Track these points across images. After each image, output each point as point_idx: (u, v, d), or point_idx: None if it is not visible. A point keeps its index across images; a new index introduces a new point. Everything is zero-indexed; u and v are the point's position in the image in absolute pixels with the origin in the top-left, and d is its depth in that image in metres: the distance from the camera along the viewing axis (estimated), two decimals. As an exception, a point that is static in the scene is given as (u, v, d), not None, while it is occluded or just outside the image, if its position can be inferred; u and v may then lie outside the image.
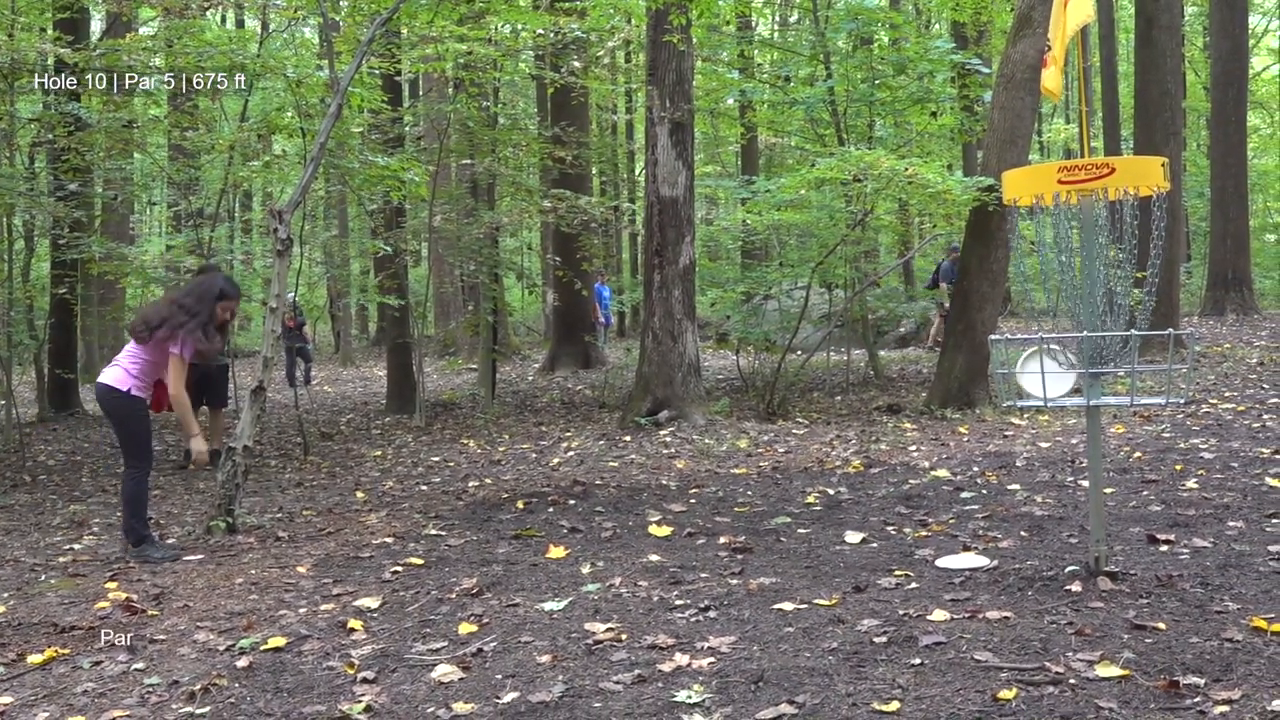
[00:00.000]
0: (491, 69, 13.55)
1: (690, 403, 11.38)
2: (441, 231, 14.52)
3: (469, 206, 14.93)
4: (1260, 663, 3.65)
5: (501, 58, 13.54)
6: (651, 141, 11.66)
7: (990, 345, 4.99)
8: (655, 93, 11.54)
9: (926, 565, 5.32)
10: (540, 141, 15.60)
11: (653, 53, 11.64)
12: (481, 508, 7.55)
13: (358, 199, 14.75)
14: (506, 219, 15.50)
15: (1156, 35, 16.70)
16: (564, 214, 14.45)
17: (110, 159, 13.97)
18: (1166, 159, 4.84)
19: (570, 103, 17.90)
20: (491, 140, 14.52)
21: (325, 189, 16.58)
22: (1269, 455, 8.07)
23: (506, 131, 15.38)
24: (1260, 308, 26.03)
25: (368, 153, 12.02)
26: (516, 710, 3.60)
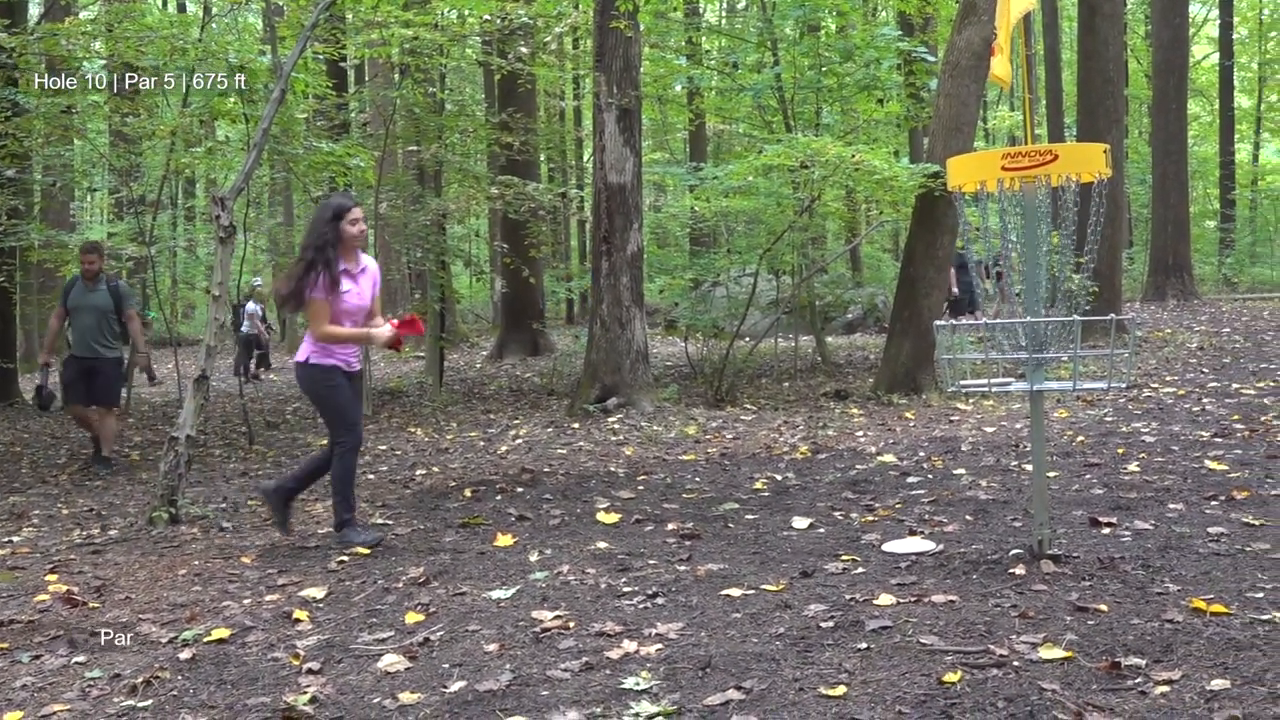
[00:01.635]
0: (438, 55, 13.46)
1: (639, 390, 11.38)
2: (388, 218, 14.42)
3: (415, 193, 14.84)
4: (1199, 643, 3.70)
5: (448, 43, 13.45)
6: (599, 128, 11.64)
7: (935, 331, 5.02)
8: (602, 79, 11.50)
9: (873, 550, 5.35)
10: (487, 128, 15.53)
11: (600, 39, 11.61)
12: (429, 496, 7.51)
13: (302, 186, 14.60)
14: (453, 206, 15.44)
15: (1099, 23, 16.87)
16: (511, 201, 14.41)
17: (49, 145, 13.75)
18: (1109, 146, 4.88)
19: (517, 89, 17.84)
20: (438, 126, 14.44)
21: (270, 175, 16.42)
22: (1209, 438, 8.18)
23: (453, 118, 15.31)
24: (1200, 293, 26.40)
25: (312, 139, 11.90)
26: (464, 699, 3.58)
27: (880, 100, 16.70)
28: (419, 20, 11.67)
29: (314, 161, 12.01)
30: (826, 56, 15.31)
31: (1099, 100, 16.79)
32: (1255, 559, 4.81)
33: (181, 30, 11.47)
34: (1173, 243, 24.06)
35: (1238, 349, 14.94)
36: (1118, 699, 3.26)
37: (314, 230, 5.89)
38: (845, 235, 23.95)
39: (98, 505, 7.65)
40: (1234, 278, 33.33)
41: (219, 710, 3.64)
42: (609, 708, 3.42)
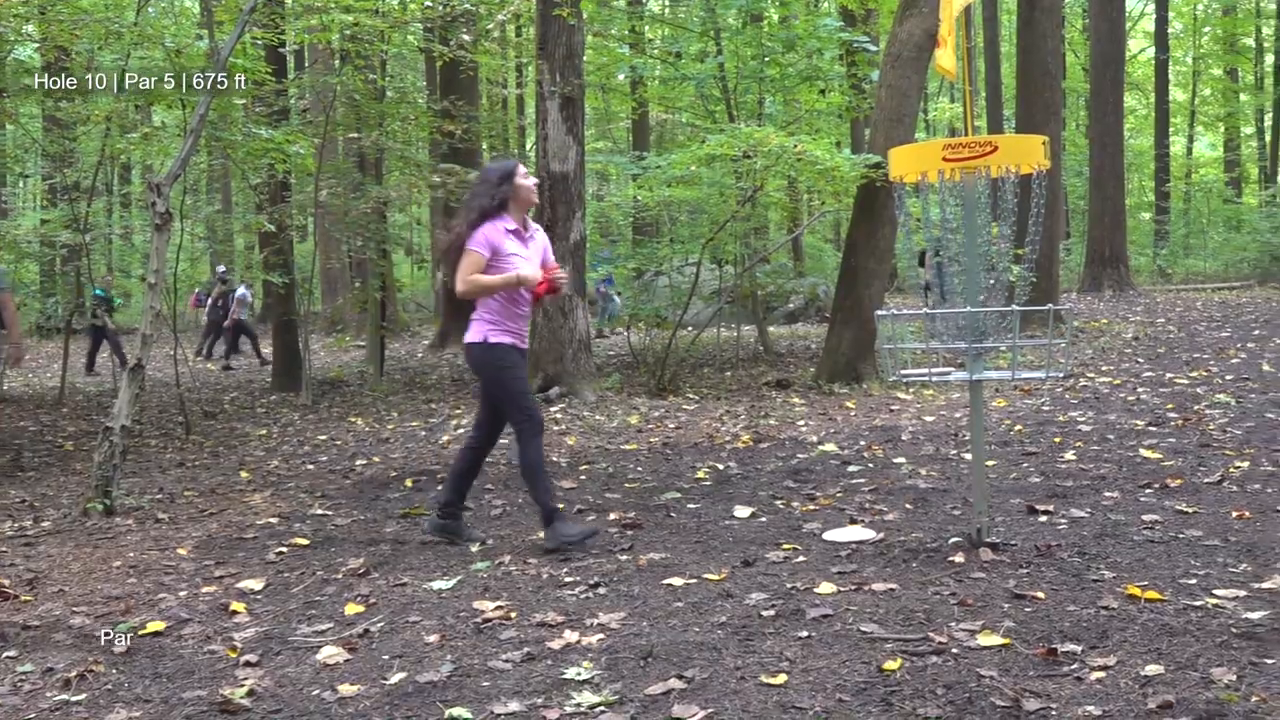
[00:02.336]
0: (379, 41, 13.34)
1: (581, 379, 11.36)
2: (328, 206, 14.28)
3: (356, 181, 14.71)
4: (1134, 629, 3.75)
5: (389, 30, 13.33)
6: (542, 116, 11.59)
7: (876, 321, 5.05)
8: (545, 67, 11.46)
9: (814, 539, 5.37)
10: (429, 115, 15.40)
11: (543, 27, 11.55)
12: (369, 486, 7.46)
13: (241, 173, 14.42)
14: (395, 193, 15.30)
15: (1038, 17, 17.04)
16: (454, 189, 14.29)
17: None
18: (1047, 138, 4.93)
19: (459, 76, 17.70)
20: (379, 113, 14.31)
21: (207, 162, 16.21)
22: (1143, 427, 8.30)
23: (394, 105, 15.18)
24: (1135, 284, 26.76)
25: (251, 125, 11.76)
26: (404, 691, 3.55)
27: (822, 91, 16.77)
28: (360, 6, 11.55)
29: (253, 148, 11.86)
30: (769, 47, 15.34)
31: (1037, 93, 16.97)
32: (1188, 546, 4.88)
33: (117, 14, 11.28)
34: (1109, 234, 24.37)
35: (1172, 339, 15.18)
36: (1054, 685, 3.30)
37: (483, 189, 5.46)
38: (787, 225, 24.05)
39: (30, 496, 7.52)
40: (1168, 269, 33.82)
41: (154, 704, 3.59)
42: (550, 698, 3.41)
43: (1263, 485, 6.15)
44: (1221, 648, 3.54)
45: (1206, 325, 17.11)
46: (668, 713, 3.24)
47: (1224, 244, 35.62)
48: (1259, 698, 3.11)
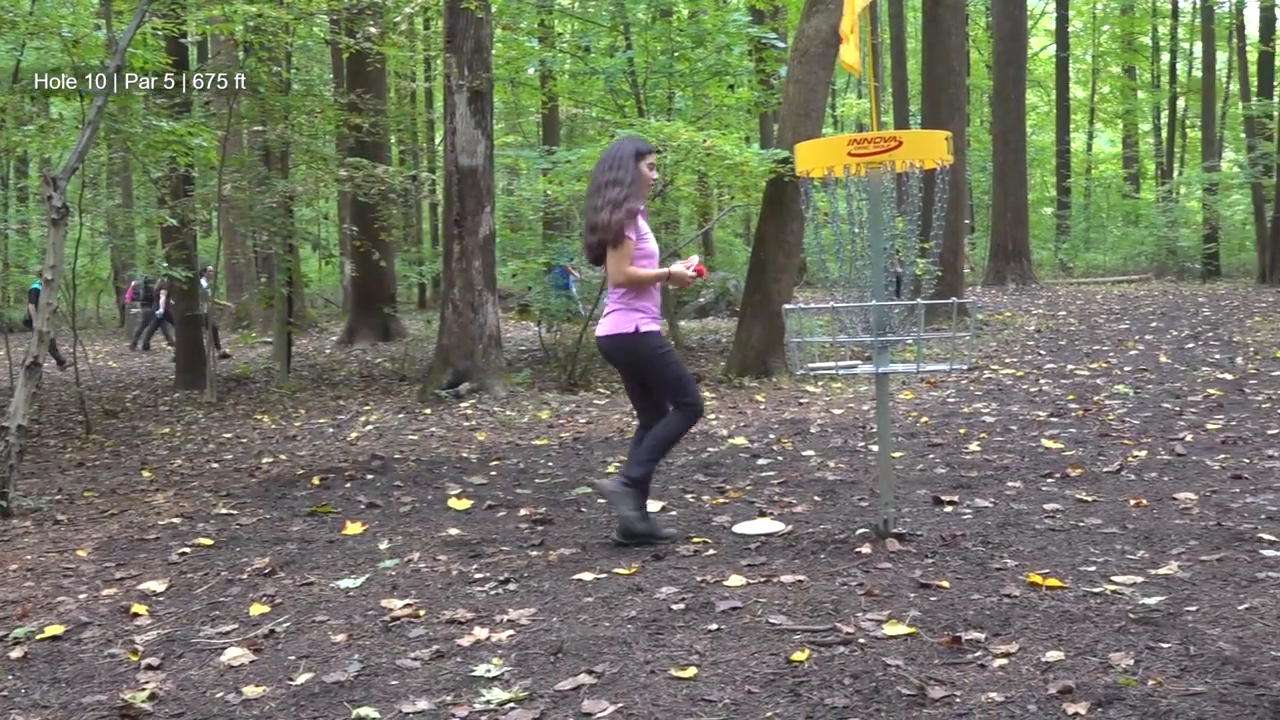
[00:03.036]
0: (283, 33, 13.13)
1: (491, 374, 11.31)
2: (232, 200, 14.05)
3: (261, 175, 14.48)
4: (1036, 616, 3.82)
5: (294, 21, 13.14)
6: (450, 110, 11.51)
7: (784, 315, 5.08)
8: (453, 60, 11.37)
9: (724, 532, 5.40)
10: (335, 108, 15.22)
11: (450, 20, 11.47)
12: (275, 485, 7.35)
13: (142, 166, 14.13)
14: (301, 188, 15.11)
15: (942, 14, 17.28)
16: (361, 183, 14.15)
17: None
18: (951, 133, 5.00)
19: (367, 69, 17.51)
20: (284, 106, 14.10)
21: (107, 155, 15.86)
22: (1045, 418, 8.47)
23: (300, 97, 14.97)
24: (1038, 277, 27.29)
25: (152, 117, 11.52)
26: (310, 691, 3.51)
27: (731, 86, 16.85)
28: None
29: (153, 141, 11.62)
30: (679, 42, 15.37)
31: (942, 89, 17.22)
32: (1088, 534, 4.99)
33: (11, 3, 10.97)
34: (1012, 229, 24.83)
35: (1073, 332, 15.50)
36: (958, 673, 3.35)
37: (620, 166, 5.19)
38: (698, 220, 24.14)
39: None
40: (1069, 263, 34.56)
41: (53, 710, 3.51)
42: (460, 695, 3.39)
43: (1159, 474, 6.30)
44: (1120, 633, 3.62)
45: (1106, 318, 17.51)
46: (578, 708, 3.23)
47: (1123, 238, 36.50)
48: (1155, 681, 3.18)
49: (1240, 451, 6.82)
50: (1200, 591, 4.03)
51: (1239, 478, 6.07)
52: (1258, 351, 12.21)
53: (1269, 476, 6.07)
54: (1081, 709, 3.00)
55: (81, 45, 10.67)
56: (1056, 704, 3.06)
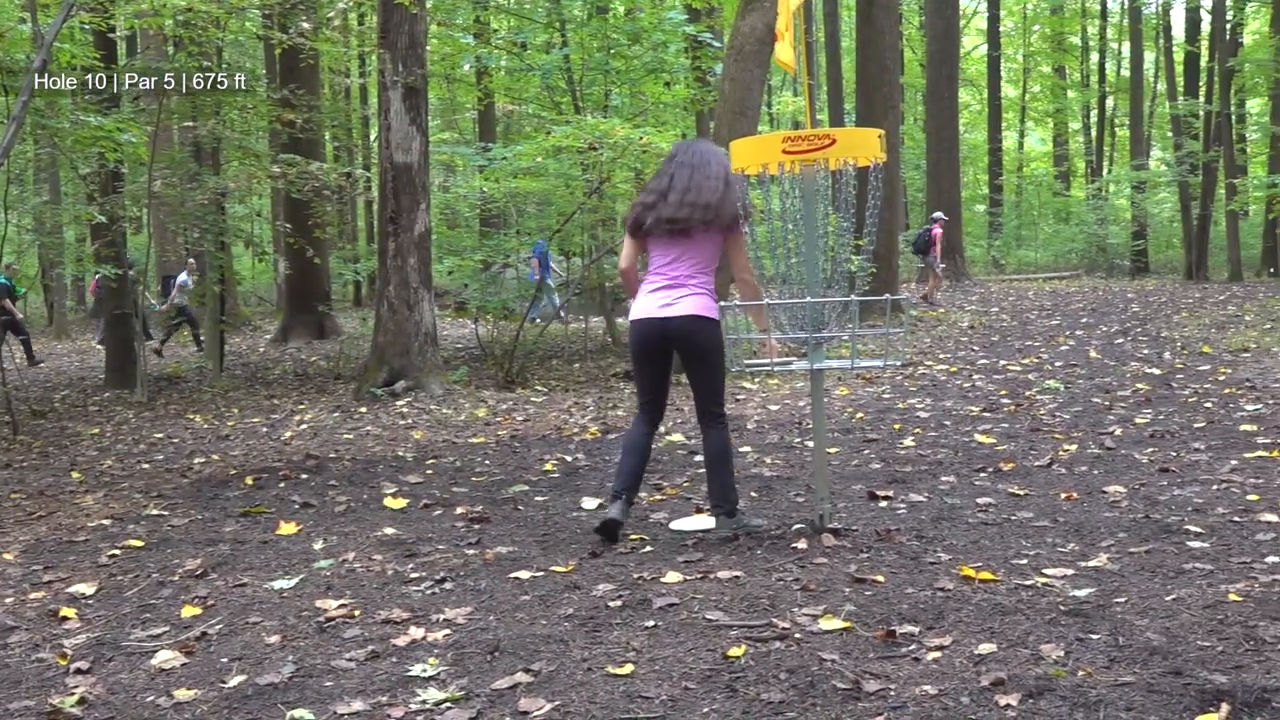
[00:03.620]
0: (214, 27, 12.97)
1: (427, 372, 11.24)
2: (163, 197, 13.87)
3: (192, 171, 14.30)
4: (969, 609, 3.86)
5: (225, 16, 12.98)
6: (384, 106, 11.42)
7: (720, 312, 5.10)
8: (387, 56, 11.29)
9: (661, 528, 5.41)
10: (268, 104, 15.06)
11: (384, 15, 11.38)
12: (208, 485, 7.26)
13: (70, 162, 13.89)
14: (233, 184, 14.95)
15: (876, 13, 17.42)
16: (295, 180, 14.02)
17: None
18: (884, 131, 5.04)
19: (299, 65, 17.34)
20: (215, 102, 13.92)
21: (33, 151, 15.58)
22: (978, 413, 8.57)
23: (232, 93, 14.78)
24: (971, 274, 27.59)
25: (80, 113, 11.33)
26: (243, 694, 3.46)
27: (668, 84, 16.88)
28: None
29: (81, 136, 11.43)
30: (615, 39, 15.38)
31: (876, 87, 17.36)
32: (1020, 527, 5.05)
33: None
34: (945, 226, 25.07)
35: (1005, 327, 15.70)
36: (893, 666, 3.38)
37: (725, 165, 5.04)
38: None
39: None
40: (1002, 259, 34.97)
41: (-23, 716, 3.44)
42: (395, 696, 3.37)
43: (1089, 467, 6.40)
44: (1050, 625, 3.67)
45: (1038, 314, 17.75)
46: (514, 707, 3.22)
47: (1054, 235, 37.02)
48: (1085, 672, 3.23)
49: (1168, 445, 6.95)
50: (1129, 583, 4.10)
51: (1166, 471, 6.18)
52: (1184, 347, 12.44)
53: (1195, 470, 6.18)
54: (1013, 700, 3.04)
55: (6, 39, 10.47)
56: (989, 696, 3.10)
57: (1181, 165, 29.00)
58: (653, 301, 5.04)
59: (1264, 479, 5.83)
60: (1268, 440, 6.86)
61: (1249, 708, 2.93)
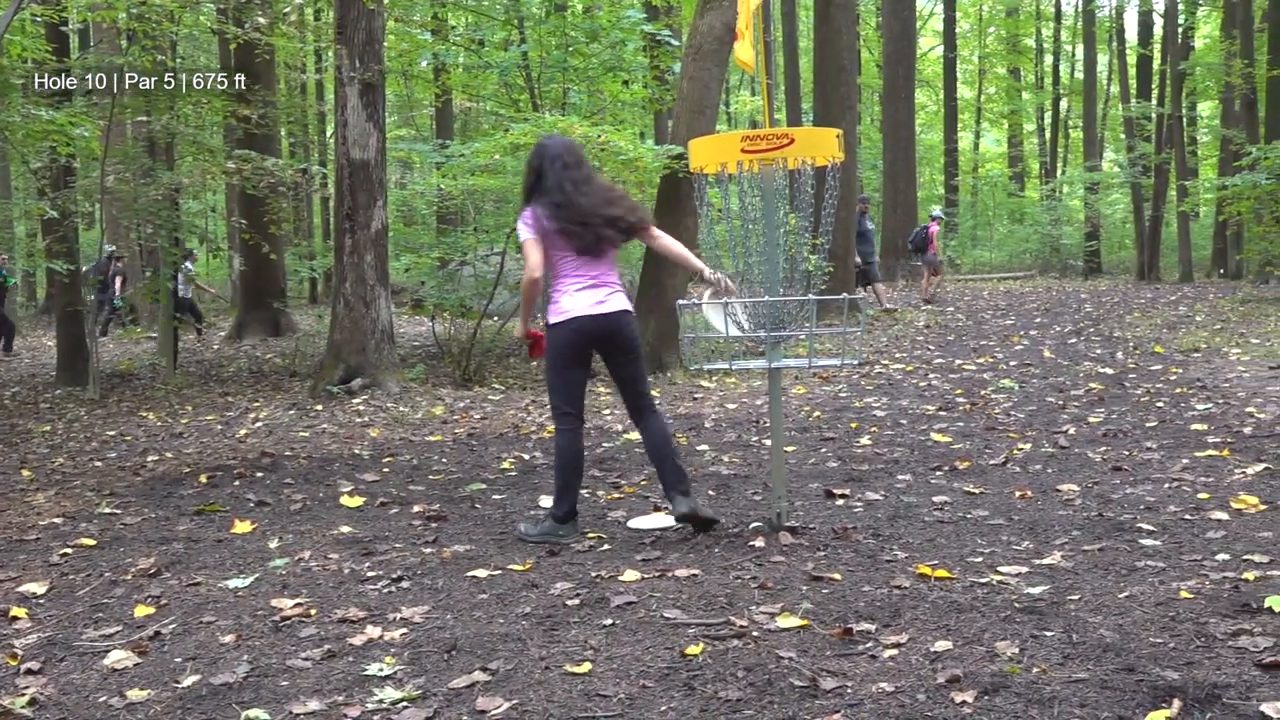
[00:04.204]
0: (168, 21, 12.84)
1: (384, 370, 11.18)
2: (116, 192, 13.71)
3: (146, 166, 14.14)
4: (925, 607, 3.89)
5: (179, 9, 12.85)
6: (341, 103, 11.34)
7: (678, 311, 5.10)
8: (344, 52, 11.22)
9: (619, 527, 5.41)
10: (223, 99, 14.91)
11: (342, 10, 11.31)
12: (161, 483, 7.19)
13: (20, 156, 13.71)
14: (187, 180, 14.78)
15: (833, 13, 17.48)
16: (250, 176, 13.88)
17: None
18: (841, 131, 5.06)
19: (255, 60, 17.19)
20: (170, 97, 13.78)
21: (-17, 144, 15.38)
22: (934, 412, 8.62)
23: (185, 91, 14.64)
24: (927, 274, 27.65)
25: (31, 106, 11.18)
26: (197, 694, 3.43)
27: (626, 82, 16.87)
28: (148, -17, 11.12)
29: (33, 130, 11.28)
30: (573, 37, 15.36)
31: (833, 87, 17.42)
32: (975, 525, 5.09)
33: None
34: (902, 226, 25.21)
35: (960, 327, 15.81)
36: (850, 663, 3.40)
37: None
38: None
39: None
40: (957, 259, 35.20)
41: (-75, 718, 3.39)
42: (352, 695, 3.35)
43: (1043, 466, 6.46)
44: (1005, 622, 3.70)
45: (992, 314, 17.88)
46: (472, 706, 3.22)
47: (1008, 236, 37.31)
48: (1039, 669, 3.26)
49: (1120, 444, 7.02)
50: (1082, 581, 4.14)
51: (1119, 469, 6.24)
52: (1137, 346, 12.57)
53: (1148, 468, 6.25)
54: (969, 697, 3.06)
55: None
56: (945, 693, 3.12)
57: (1134, 167, 29.32)
58: (583, 300, 5.06)
59: (1214, 477, 5.91)
60: (1218, 439, 6.95)
61: (1200, 704, 2.96)
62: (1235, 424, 7.46)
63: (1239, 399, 8.49)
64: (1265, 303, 17.29)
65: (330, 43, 15.34)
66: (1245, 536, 4.68)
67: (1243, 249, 24.30)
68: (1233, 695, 3.01)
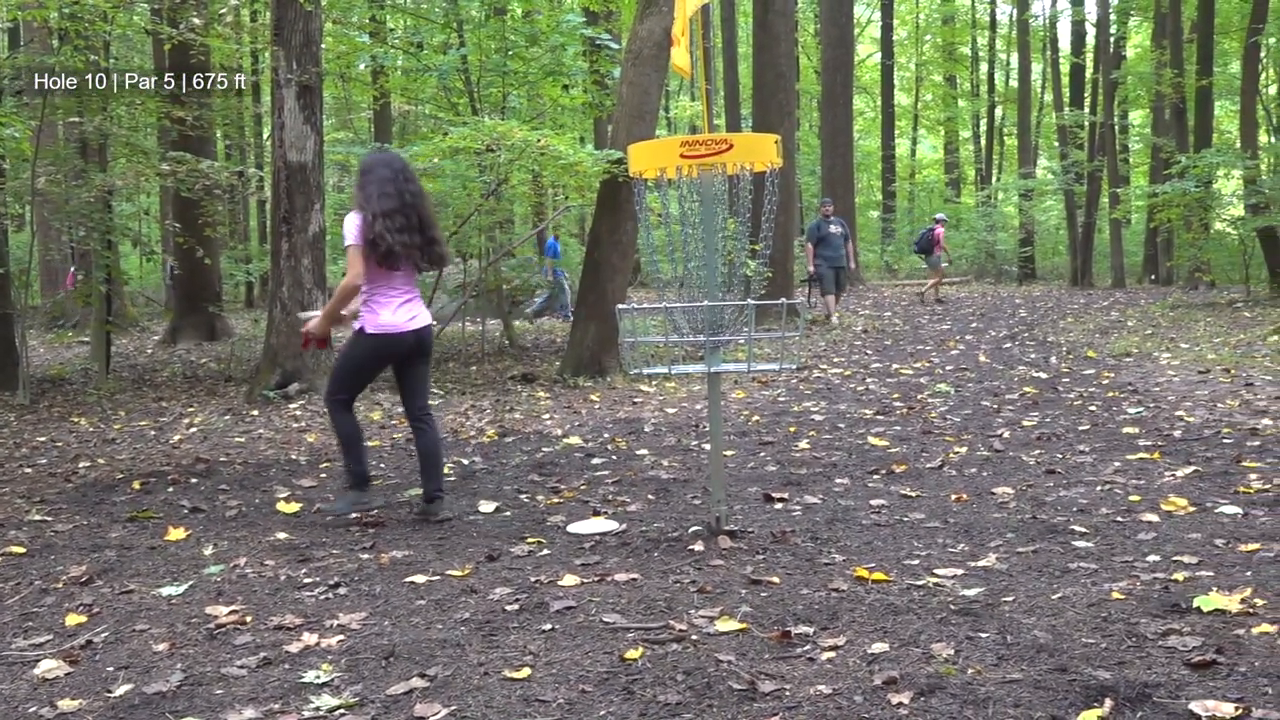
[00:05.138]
0: (101, 21, 12.66)
1: (321, 375, 11.07)
2: (47, 194, 13.48)
3: (78, 168, 13.92)
4: (862, 609, 3.92)
5: (113, 9, 12.67)
6: (278, 105, 11.24)
7: (617, 315, 5.11)
8: (281, 54, 11.12)
9: (558, 531, 5.40)
10: (157, 100, 14.73)
11: (278, 12, 11.21)
12: (93, 490, 7.08)
13: (-53, 156, 13.46)
14: (120, 182, 14.57)
15: (772, 19, 17.58)
16: (184, 178, 13.72)
17: None
18: (780, 137, 5.09)
19: (190, 61, 16.99)
20: (102, 97, 13.59)
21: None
22: (871, 416, 8.69)
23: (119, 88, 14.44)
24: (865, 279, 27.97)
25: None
26: (130, 703, 3.39)
27: (566, 87, 16.86)
28: (80, -17, 10.95)
29: (-40, 131, 11.09)
30: (513, 40, 15.32)
31: (772, 93, 17.51)
32: (912, 528, 5.14)
33: None
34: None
35: (898, 332, 15.95)
36: (788, 666, 3.41)
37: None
38: (532, 219, 24.09)
39: None
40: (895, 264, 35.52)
41: None
42: (288, 703, 3.32)
43: (979, 469, 6.53)
44: (941, 624, 3.73)
45: (929, 319, 18.06)
46: (410, 712, 3.20)
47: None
48: (975, 670, 3.30)
49: (1054, 447, 7.11)
50: (1017, 582, 4.19)
51: (1053, 472, 6.33)
52: (1070, 351, 12.76)
53: (1080, 471, 6.34)
54: (905, 699, 3.09)
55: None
56: (881, 694, 3.14)
57: (1067, 174, 29.76)
58: (403, 315, 5.61)
59: (1145, 480, 6.00)
60: (1149, 442, 7.06)
61: (1131, 703, 3.01)
62: (1165, 427, 7.59)
63: (1169, 403, 8.63)
64: (1195, 308, 17.61)
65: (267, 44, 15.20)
66: (1175, 538, 4.77)
67: (1173, 255, 24.76)
68: (1163, 694, 3.06)
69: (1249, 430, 7.30)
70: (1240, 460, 6.32)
